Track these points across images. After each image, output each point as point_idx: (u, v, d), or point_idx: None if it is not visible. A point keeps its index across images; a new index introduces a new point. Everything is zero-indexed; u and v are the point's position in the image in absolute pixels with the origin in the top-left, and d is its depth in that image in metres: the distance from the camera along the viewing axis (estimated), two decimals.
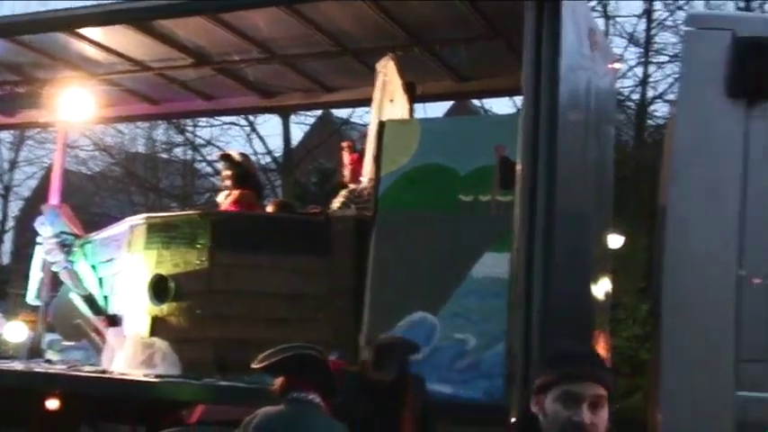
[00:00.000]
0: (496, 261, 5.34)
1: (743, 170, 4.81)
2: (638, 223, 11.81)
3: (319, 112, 23.87)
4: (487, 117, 6.52)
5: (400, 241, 5.61)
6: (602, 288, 6.38)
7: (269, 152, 24.18)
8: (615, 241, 12.88)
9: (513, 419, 4.90)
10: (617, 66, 7.21)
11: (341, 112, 24.26)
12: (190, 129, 24.96)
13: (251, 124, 23.49)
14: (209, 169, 26.22)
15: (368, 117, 21.01)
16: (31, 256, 8.03)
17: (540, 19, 5.17)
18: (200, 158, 26.36)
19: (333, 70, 7.62)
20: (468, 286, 5.40)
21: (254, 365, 3.67)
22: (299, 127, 26.61)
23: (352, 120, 24.84)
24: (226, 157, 7.33)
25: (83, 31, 6.92)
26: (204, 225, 6.06)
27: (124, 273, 6.60)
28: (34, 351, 7.81)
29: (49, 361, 7.37)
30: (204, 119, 22.51)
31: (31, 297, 7.98)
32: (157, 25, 6.78)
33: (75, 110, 8.08)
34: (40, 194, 30.21)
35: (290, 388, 3.63)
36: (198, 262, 6.03)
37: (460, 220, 5.50)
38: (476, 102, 19.99)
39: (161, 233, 6.24)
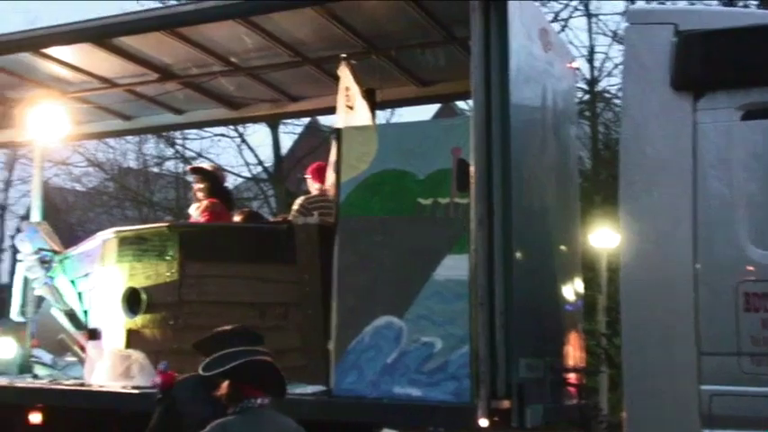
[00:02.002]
0: (457, 263, 5.38)
1: (692, 161, 4.87)
2: None
3: (306, 121, 24.00)
4: (444, 120, 6.55)
5: (363, 247, 5.67)
6: (571, 286, 6.44)
7: (260, 162, 24.31)
8: (610, 240, 12.90)
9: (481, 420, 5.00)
10: (575, 65, 7.26)
11: (327, 120, 24.41)
12: (180, 142, 25.07)
13: (241, 135, 23.64)
14: None
15: None
16: None
17: (486, 22, 5.25)
18: None
19: (296, 80, 7.70)
20: (432, 289, 5.45)
21: (203, 372, 3.70)
22: (289, 136, 26.72)
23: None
24: (196, 170, 7.42)
25: (50, 51, 7.01)
26: (173, 237, 6.15)
27: (100, 287, 6.68)
28: (23, 367, 7.88)
29: (35, 376, 7.44)
30: (194, 131, 22.65)
31: (14, 313, 8.06)
32: (121, 43, 6.86)
33: (50, 128, 8.19)
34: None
35: (247, 395, 3.68)
36: (168, 274, 6.13)
37: (421, 223, 5.55)
38: (461, 104, 20.02)
39: (132, 246, 6.34)
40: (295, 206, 6.76)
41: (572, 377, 6.16)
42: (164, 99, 8.11)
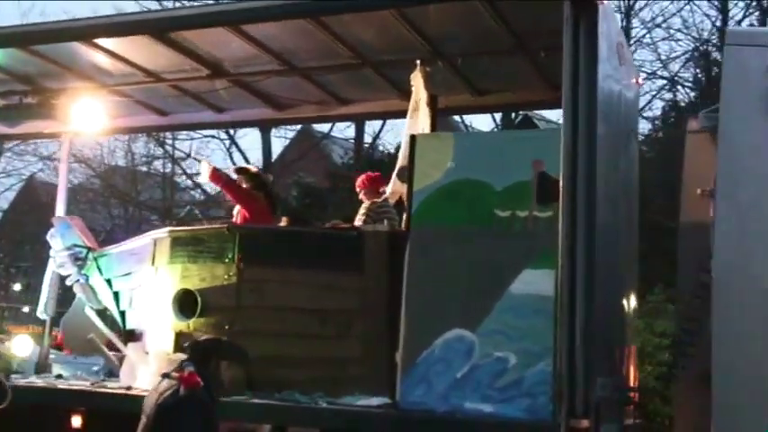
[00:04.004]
0: (536, 278, 5.27)
1: None
2: None
3: (298, 126, 23.85)
4: (523, 132, 6.38)
5: (435, 257, 5.51)
6: (630, 303, 6.35)
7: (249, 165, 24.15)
8: None
9: None
10: (640, 81, 7.21)
11: (321, 126, 24.32)
12: (169, 142, 24.81)
13: (231, 137, 23.49)
14: (188, 182, 26.13)
15: (348, 131, 20.96)
16: (7, 268, 7.93)
17: (576, 32, 5.15)
18: (179, 172, 26.24)
19: (349, 83, 7.53)
20: (507, 303, 5.31)
21: None
22: (279, 140, 26.65)
23: (332, 134, 24.94)
24: (241, 170, 7.23)
25: (101, 41, 6.80)
26: (232, 239, 5.96)
27: (145, 287, 6.46)
28: (41, 366, 7.61)
29: (60, 376, 7.20)
30: (184, 132, 22.42)
31: (40, 311, 7.83)
32: (178, 36, 6.66)
33: (83, 121, 7.97)
34: (19, 207, 30.03)
35: None
36: (226, 276, 5.93)
37: (497, 235, 5.41)
38: (456, 118, 20.04)
39: (186, 247, 6.15)
40: (362, 210, 6.62)
41: (632, 396, 6.06)
42: (207, 96, 7.91)
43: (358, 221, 6.68)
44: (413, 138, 5.79)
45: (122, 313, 7.03)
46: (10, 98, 7.98)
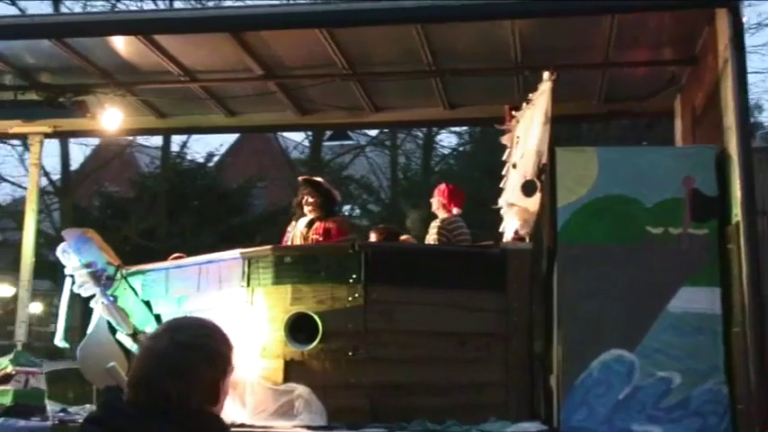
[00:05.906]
0: (696, 296, 5.25)
1: None
2: None
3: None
4: (670, 148, 6.26)
5: (586, 276, 5.34)
6: None
7: (46, 174, 22.49)
8: None
9: None
10: None
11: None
12: None
13: (24, 143, 21.68)
14: None
15: (155, 140, 19.89)
16: None
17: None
18: None
19: (398, 90, 7.11)
20: (666, 322, 5.24)
21: None
22: (79, 148, 24.98)
23: (138, 142, 23.56)
24: (309, 182, 6.59)
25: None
26: (356, 258, 5.44)
27: (234, 310, 5.68)
28: None
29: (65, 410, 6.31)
30: None
31: (58, 338, 6.75)
32: (251, 34, 6.01)
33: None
34: None
35: None
36: (350, 298, 5.41)
37: (650, 253, 5.34)
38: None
39: (297, 266, 5.54)
40: (434, 229, 6.27)
41: None
42: (227, 100, 7.21)
43: (430, 239, 6.37)
44: (553, 152, 5.58)
45: None
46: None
